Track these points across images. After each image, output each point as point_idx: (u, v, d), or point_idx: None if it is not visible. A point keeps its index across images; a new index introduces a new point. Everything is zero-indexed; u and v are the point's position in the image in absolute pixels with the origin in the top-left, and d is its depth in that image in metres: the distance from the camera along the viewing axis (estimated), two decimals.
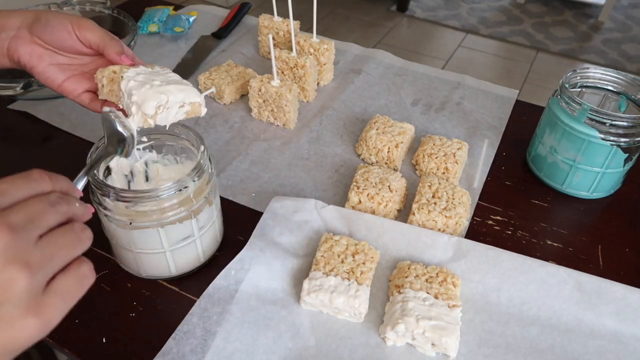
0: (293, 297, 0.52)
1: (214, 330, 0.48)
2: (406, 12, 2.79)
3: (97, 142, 0.50)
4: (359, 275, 0.51)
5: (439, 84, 0.87)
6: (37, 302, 0.28)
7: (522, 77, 2.31)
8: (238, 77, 0.80)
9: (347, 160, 0.71)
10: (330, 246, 0.53)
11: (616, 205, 0.67)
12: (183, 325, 0.48)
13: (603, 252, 0.61)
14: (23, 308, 0.27)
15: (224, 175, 0.67)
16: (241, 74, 0.81)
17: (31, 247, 0.28)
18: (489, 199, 0.66)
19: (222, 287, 0.51)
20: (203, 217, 0.51)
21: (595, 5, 2.86)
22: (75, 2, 0.90)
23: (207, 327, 0.48)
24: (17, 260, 0.27)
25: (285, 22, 0.87)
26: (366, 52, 0.95)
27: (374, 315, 0.51)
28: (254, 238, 0.56)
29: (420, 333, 0.46)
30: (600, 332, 0.50)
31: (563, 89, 0.64)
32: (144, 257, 0.51)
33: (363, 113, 0.80)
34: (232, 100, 0.80)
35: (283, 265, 0.54)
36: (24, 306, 0.27)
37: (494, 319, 0.51)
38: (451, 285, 0.51)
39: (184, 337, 0.47)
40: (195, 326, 0.48)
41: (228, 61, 0.83)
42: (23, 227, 0.28)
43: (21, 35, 0.47)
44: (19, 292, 0.27)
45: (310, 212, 0.59)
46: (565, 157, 0.65)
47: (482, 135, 0.76)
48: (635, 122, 0.59)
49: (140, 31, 0.95)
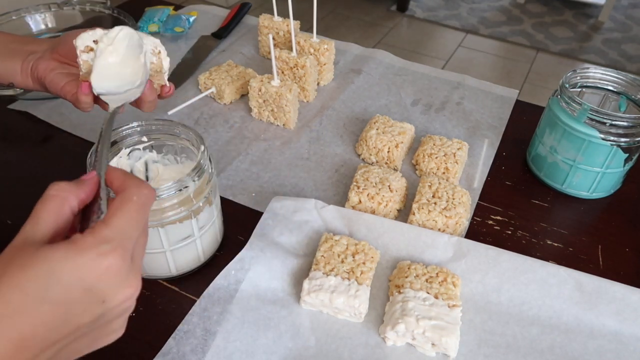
0: (293, 297, 0.52)
1: (214, 330, 0.48)
2: (406, 12, 2.79)
3: (96, 142, 0.50)
4: (359, 275, 0.51)
5: (439, 84, 0.87)
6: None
7: (522, 77, 2.31)
8: (238, 77, 0.80)
9: (347, 160, 0.71)
10: (331, 246, 0.53)
11: (616, 205, 0.67)
12: (183, 325, 0.48)
13: (603, 252, 0.61)
14: (121, 328, 0.34)
15: (224, 175, 0.67)
16: (241, 74, 0.81)
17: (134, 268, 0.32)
18: (489, 199, 0.66)
19: (222, 286, 0.51)
20: (203, 217, 0.51)
21: (595, 5, 2.86)
22: (75, 2, 0.90)
23: (208, 326, 0.48)
24: (131, 307, 0.33)
25: (286, 22, 0.87)
26: (366, 52, 0.95)
27: (373, 315, 0.51)
28: (254, 238, 0.56)
29: (421, 333, 0.46)
30: (601, 332, 0.50)
31: (563, 89, 0.64)
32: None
33: (363, 113, 0.80)
34: (232, 100, 0.80)
35: (283, 265, 0.54)
36: (121, 327, 0.34)
37: (494, 318, 0.51)
38: (451, 285, 0.51)
39: (184, 337, 0.47)
40: (196, 326, 0.48)
41: (228, 61, 0.83)
42: (134, 257, 0.32)
43: (45, 55, 0.51)
44: (129, 308, 0.33)
45: (310, 212, 0.59)
46: (565, 157, 0.65)
47: (482, 135, 0.76)
48: (635, 122, 0.59)
49: (140, 31, 0.95)
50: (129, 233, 0.31)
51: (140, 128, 0.52)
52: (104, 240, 0.30)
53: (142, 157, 0.55)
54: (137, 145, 0.53)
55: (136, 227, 0.32)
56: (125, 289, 0.31)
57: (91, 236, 0.30)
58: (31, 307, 0.27)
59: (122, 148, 0.52)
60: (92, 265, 0.29)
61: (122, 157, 0.53)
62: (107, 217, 0.32)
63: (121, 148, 0.52)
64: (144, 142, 0.54)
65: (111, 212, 0.32)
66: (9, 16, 0.85)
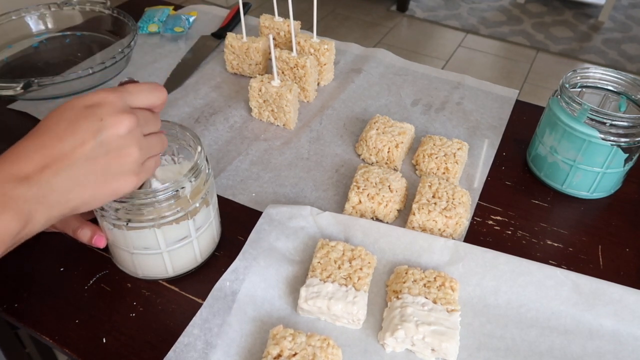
0: (290, 305, 0.52)
1: (215, 342, 0.47)
2: (406, 12, 2.79)
3: None
4: (357, 281, 0.50)
5: (439, 84, 0.87)
6: (139, 169, 0.43)
7: (522, 77, 2.31)
8: None
9: (347, 160, 0.71)
10: (327, 252, 0.53)
11: (616, 205, 0.67)
12: (184, 337, 0.48)
13: (603, 252, 0.60)
14: (132, 172, 0.42)
15: (224, 175, 0.67)
16: None
17: (142, 136, 0.43)
18: (489, 199, 0.66)
19: (220, 297, 0.51)
20: (200, 217, 0.51)
21: (595, 5, 2.86)
22: (75, 2, 0.90)
23: (209, 339, 0.48)
24: (135, 142, 0.42)
25: (286, 22, 0.87)
26: (366, 52, 0.95)
27: (372, 321, 0.51)
28: (247, 246, 0.55)
29: (420, 339, 0.46)
30: (599, 333, 0.50)
31: (563, 89, 0.64)
32: (140, 257, 0.51)
33: (363, 113, 0.80)
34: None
35: (277, 273, 0.53)
36: (132, 171, 0.42)
37: (493, 321, 0.51)
38: (449, 290, 0.50)
39: (184, 350, 0.47)
40: (197, 338, 0.48)
41: None
42: (142, 124, 0.43)
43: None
44: (132, 162, 0.42)
45: (306, 219, 0.59)
46: (565, 157, 0.65)
47: (482, 135, 0.76)
48: (635, 122, 0.59)
49: (140, 31, 0.95)
50: (130, 89, 0.43)
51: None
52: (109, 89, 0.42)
53: None
54: None
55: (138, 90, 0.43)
56: (120, 115, 0.40)
57: None
58: (51, 123, 0.40)
59: None
60: (95, 94, 0.41)
61: None
62: None
63: None
64: None
65: None
66: (8, 16, 0.85)
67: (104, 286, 0.53)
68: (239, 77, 0.86)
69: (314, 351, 0.44)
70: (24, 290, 0.53)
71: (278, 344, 0.44)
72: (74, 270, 0.55)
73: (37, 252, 0.56)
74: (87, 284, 0.53)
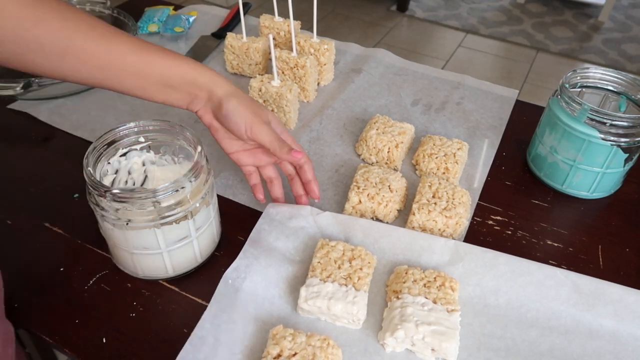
0: (290, 305, 0.52)
1: (223, 339, 0.48)
2: (406, 12, 2.78)
3: (94, 142, 0.50)
4: (357, 281, 0.50)
5: (439, 84, 0.87)
6: None
7: (522, 77, 2.31)
8: None
9: (347, 160, 0.71)
10: (327, 252, 0.53)
11: (616, 205, 0.67)
12: (198, 329, 0.48)
13: (603, 252, 0.60)
14: None
15: (224, 175, 0.67)
16: None
17: None
18: (489, 199, 0.66)
19: (225, 294, 0.51)
20: (200, 217, 0.51)
21: (595, 5, 2.86)
22: (75, 2, 0.90)
23: (217, 335, 0.48)
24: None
25: (286, 23, 0.87)
26: (366, 52, 0.95)
27: (372, 321, 0.51)
28: (247, 245, 0.55)
29: (420, 339, 0.46)
30: (599, 333, 0.50)
31: (563, 89, 0.64)
32: (141, 257, 0.51)
33: (363, 113, 0.80)
34: None
35: (278, 272, 0.53)
36: None
37: (493, 322, 0.51)
38: (449, 290, 0.50)
39: (198, 343, 0.47)
40: (208, 333, 0.48)
41: None
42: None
43: (207, 110, 0.55)
44: None
45: (306, 218, 0.59)
46: (565, 157, 0.65)
47: (482, 135, 0.76)
48: (635, 122, 0.59)
49: (140, 31, 0.95)
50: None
51: (137, 128, 0.52)
52: None
53: (139, 157, 0.54)
54: (134, 146, 0.53)
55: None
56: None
57: None
58: None
59: (120, 148, 0.52)
60: None
61: (119, 157, 0.53)
62: None
63: (118, 148, 0.52)
64: (141, 142, 0.54)
65: None
66: None
67: (104, 286, 0.53)
68: (239, 77, 0.86)
69: (314, 351, 0.44)
70: (24, 290, 0.53)
71: (278, 343, 0.44)
72: (74, 270, 0.55)
73: (37, 252, 0.56)
74: (87, 284, 0.53)
